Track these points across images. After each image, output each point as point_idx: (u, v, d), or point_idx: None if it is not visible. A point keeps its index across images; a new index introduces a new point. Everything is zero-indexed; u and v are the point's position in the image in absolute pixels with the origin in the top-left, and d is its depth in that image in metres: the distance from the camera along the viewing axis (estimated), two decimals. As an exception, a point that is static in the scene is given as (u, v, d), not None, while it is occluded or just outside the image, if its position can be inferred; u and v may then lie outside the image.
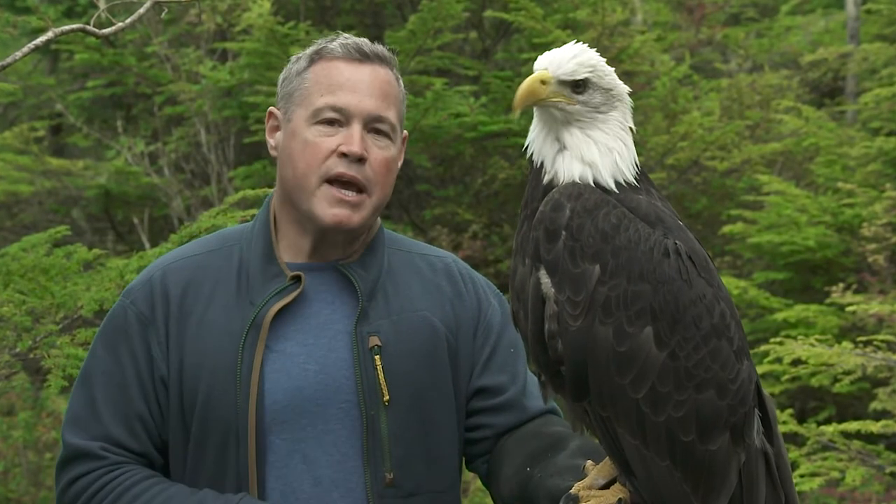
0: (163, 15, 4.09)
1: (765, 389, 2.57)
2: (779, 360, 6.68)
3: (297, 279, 2.93)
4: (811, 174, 10.55)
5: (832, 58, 13.38)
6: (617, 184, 2.52)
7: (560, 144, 2.54)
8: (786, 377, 7.18)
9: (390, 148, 2.95)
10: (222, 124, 10.36)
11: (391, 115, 2.94)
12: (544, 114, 2.54)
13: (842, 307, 7.87)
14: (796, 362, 6.64)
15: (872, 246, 8.51)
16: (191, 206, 10.43)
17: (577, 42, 2.58)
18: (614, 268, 2.41)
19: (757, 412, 2.56)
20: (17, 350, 4.63)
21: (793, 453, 6.44)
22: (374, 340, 2.91)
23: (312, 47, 2.99)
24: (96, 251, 5.16)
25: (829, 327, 8.14)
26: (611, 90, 2.55)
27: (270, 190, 3.11)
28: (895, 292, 8.20)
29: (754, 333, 8.86)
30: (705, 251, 2.57)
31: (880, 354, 6.34)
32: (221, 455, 2.85)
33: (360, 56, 2.93)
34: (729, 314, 2.49)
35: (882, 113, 10.92)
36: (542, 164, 2.55)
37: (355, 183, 2.89)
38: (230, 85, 9.91)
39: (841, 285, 7.94)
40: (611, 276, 2.41)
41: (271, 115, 3.02)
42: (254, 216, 3.15)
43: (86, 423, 2.87)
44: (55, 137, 13.07)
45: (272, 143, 3.02)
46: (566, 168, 2.53)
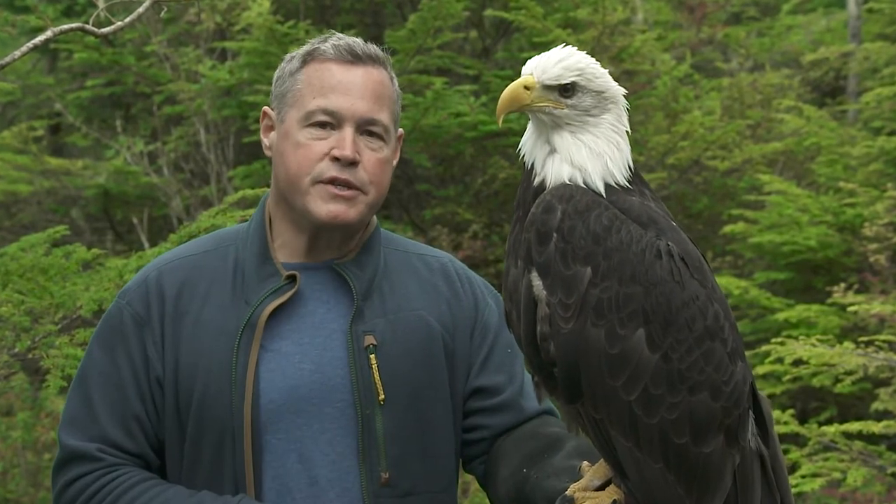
0: (162, 14, 4.09)
1: (765, 390, 2.56)
2: (780, 360, 6.67)
3: (293, 278, 2.92)
4: (812, 174, 10.53)
5: (833, 57, 13.36)
6: (608, 186, 2.50)
7: (550, 147, 2.53)
8: (787, 377, 7.18)
9: (383, 149, 2.95)
10: (222, 124, 10.34)
11: (383, 116, 2.94)
12: (535, 117, 2.54)
13: (843, 307, 7.86)
14: (798, 362, 6.63)
15: (874, 246, 8.48)
16: (190, 206, 10.41)
17: (565, 45, 2.56)
18: (606, 270, 2.40)
19: (752, 414, 2.54)
20: (16, 350, 4.64)
21: (794, 454, 6.44)
22: (370, 339, 2.91)
23: (305, 47, 2.99)
24: (95, 251, 5.16)
25: (830, 327, 8.13)
26: (603, 92, 2.53)
27: (269, 189, 3.11)
28: (896, 292, 8.19)
29: (755, 333, 8.85)
30: (700, 252, 2.56)
31: (882, 355, 6.33)
32: (217, 454, 2.86)
33: (353, 58, 2.93)
34: (723, 315, 2.48)
35: (883, 112, 10.92)
36: (533, 166, 2.54)
37: (348, 185, 2.89)
38: (229, 84, 9.89)
39: (842, 285, 7.92)
40: (602, 278, 2.40)
41: (265, 114, 3.03)
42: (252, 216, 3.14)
43: (82, 424, 2.87)
44: (54, 137, 13.06)
45: (266, 142, 3.03)
46: (555, 171, 2.51)
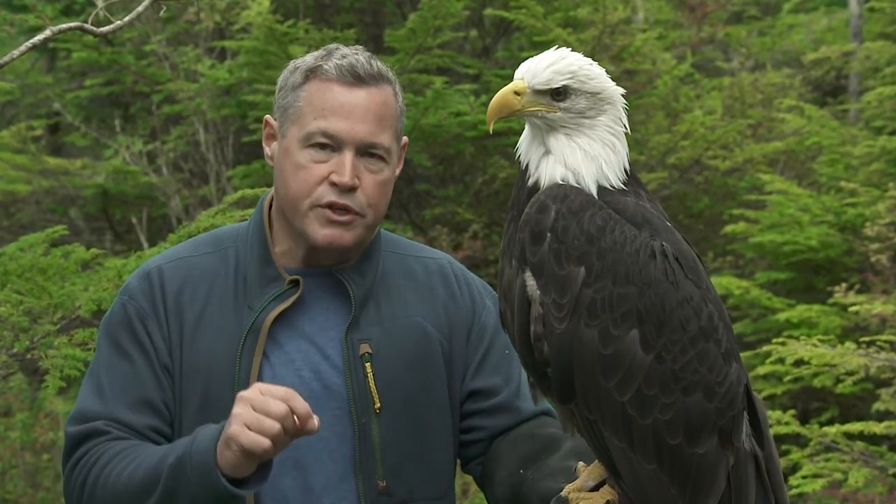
0: (161, 13, 4.09)
1: (766, 390, 2.56)
2: (781, 360, 6.65)
3: (295, 283, 2.92)
4: (814, 173, 10.51)
5: (835, 56, 13.33)
6: (601, 188, 2.50)
7: (545, 149, 2.53)
8: (788, 378, 7.15)
9: (384, 170, 2.93)
10: (221, 123, 10.32)
11: (385, 138, 2.91)
12: (529, 120, 2.53)
13: (844, 307, 7.83)
14: (799, 363, 6.61)
15: (875, 246, 8.46)
16: (189, 206, 10.40)
17: (558, 47, 2.55)
18: (600, 270, 2.40)
19: (746, 415, 2.53)
20: (15, 350, 4.66)
21: (795, 454, 6.43)
22: (365, 348, 2.90)
23: (308, 60, 2.95)
24: (94, 251, 5.19)
25: (831, 328, 8.11)
26: (598, 94, 2.52)
27: (269, 189, 3.10)
28: (898, 292, 8.17)
29: (756, 334, 8.85)
30: (695, 252, 2.56)
31: (883, 355, 6.31)
32: None
33: (355, 79, 2.89)
34: (717, 316, 2.48)
35: (885, 112, 10.91)
36: (528, 167, 2.54)
37: (347, 210, 2.88)
38: (229, 84, 9.87)
39: (844, 285, 7.89)
40: (596, 278, 2.40)
41: (267, 122, 3.01)
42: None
43: (90, 412, 2.86)
44: (53, 136, 13.04)
45: (268, 151, 3.01)
46: (549, 172, 2.51)
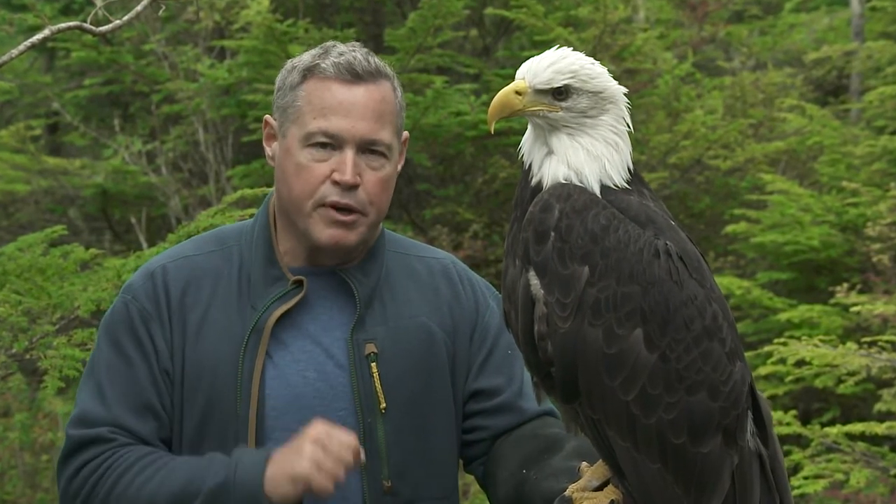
0: (160, 12, 4.08)
1: (768, 391, 2.56)
2: (782, 360, 6.67)
3: (299, 283, 2.92)
4: (815, 173, 10.50)
5: (836, 56, 13.31)
6: (605, 187, 2.50)
7: (548, 148, 2.53)
8: (790, 378, 7.16)
9: (385, 167, 2.93)
10: (220, 123, 10.31)
11: (385, 135, 2.91)
12: (531, 120, 2.53)
13: (846, 307, 7.83)
14: (800, 363, 6.62)
15: (877, 245, 8.45)
16: (189, 206, 10.39)
17: (559, 47, 2.54)
18: (604, 269, 2.40)
19: (750, 414, 2.53)
20: (14, 351, 4.64)
21: (796, 455, 6.42)
22: (371, 348, 2.91)
23: (306, 59, 2.96)
24: (93, 251, 5.18)
25: (833, 328, 8.10)
26: (600, 93, 2.52)
27: (269, 189, 3.12)
28: (900, 292, 8.15)
29: (758, 334, 8.83)
30: (699, 251, 2.56)
31: (885, 355, 6.31)
32: None
33: (353, 77, 2.89)
34: (721, 315, 2.48)
35: (887, 111, 10.91)
36: (531, 166, 2.55)
37: (350, 209, 2.88)
38: (228, 83, 9.85)
39: (845, 285, 7.90)
40: (600, 277, 2.40)
41: (267, 122, 3.01)
42: (252, 215, 3.16)
43: (93, 415, 2.85)
44: (52, 136, 13.05)
45: (269, 152, 3.01)
46: (552, 172, 2.51)
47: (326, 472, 2.65)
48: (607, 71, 2.56)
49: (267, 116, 3.01)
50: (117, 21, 3.66)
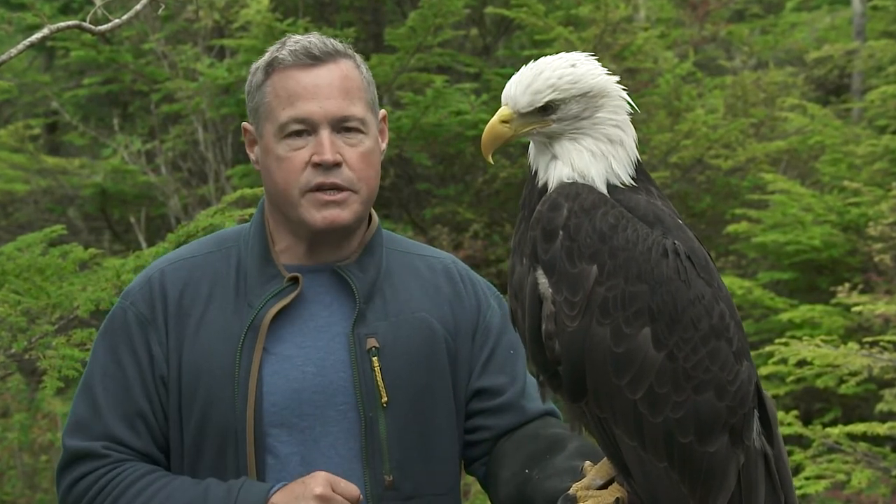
0: (160, 11, 4.08)
1: (769, 391, 2.56)
2: (784, 361, 6.65)
3: (295, 280, 2.92)
4: (817, 173, 10.50)
5: (838, 55, 13.32)
6: (612, 186, 2.50)
7: (552, 154, 2.53)
8: (791, 378, 7.15)
9: (364, 141, 2.94)
10: (220, 122, 10.30)
11: (356, 110, 2.92)
12: (538, 136, 2.53)
13: (848, 307, 7.83)
14: (801, 363, 6.61)
15: (878, 245, 8.44)
16: (188, 205, 10.40)
17: (537, 60, 2.52)
18: (612, 268, 2.40)
19: (757, 413, 2.54)
20: (13, 351, 4.63)
21: (798, 455, 6.40)
22: (372, 342, 2.91)
23: (266, 57, 2.98)
24: (92, 251, 5.15)
25: (834, 328, 8.09)
26: (587, 93, 2.50)
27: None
28: (901, 292, 8.14)
29: (759, 334, 8.82)
30: (706, 251, 2.55)
31: (886, 355, 6.30)
32: (220, 458, 2.86)
33: (311, 59, 2.92)
34: (728, 314, 2.48)
35: (888, 111, 10.91)
36: (537, 170, 2.55)
37: (336, 187, 2.89)
38: (228, 82, 9.83)
39: (847, 285, 7.89)
40: (608, 276, 2.40)
41: (246, 130, 3.04)
42: (251, 216, 3.16)
43: (87, 426, 2.88)
44: (51, 135, 13.06)
45: (253, 157, 3.04)
46: (558, 175, 2.51)
47: None
48: (600, 66, 2.54)
49: (244, 123, 3.04)
50: (116, 20, 3.65)
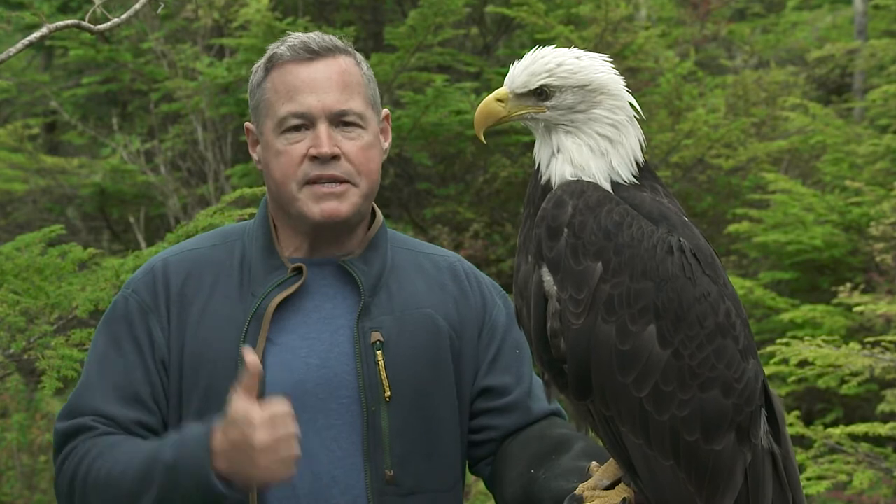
0: (159, 10, 4.08)
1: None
2: (785, 361, 6.62)
3: (299, 271, 2.93)
4: (818, 172, 10.51)
5: (839, 54, 13.31)
6: (615, 184, 2.51)
7: (553, 148, 2.54)
8: (792, 379, 7.13)
9: (363, 136, 2.94)
10: (219, 121, 10.29)
11: (355, 104, 2.93)
12: (526, 122, 2.56)
13: (849, 307, 7.82)
14: (803, 363, 6.58)
15: (880, 245, 8.43)
16: (187, 205, 10.39)
17: (538, 47, 2.55)
18: (617, 265, 2.41)
19: (764, 412, 2.54)
20: (11, 351, 4.63)
21: (799, 456, 6.38)
22: (376, 336, 2.92)
23: (266, 55, 3.00)
24: (91, 250, 5.13)
25: (836, 328, 8.08)
26: (586, 86, 2.51)
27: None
28: (903, 292, 8.13)
29: (760, 334, 8.81)
30: (711, 248, 2.56)
31: (888, 355, 6.28)
32: None
33: (310, 54, 2.94)
34: (734, 312, 2.49)
35: (890, 110, 10.91)
36: (540, 165, 2.56)
37: (335, 179, 2.90)
38: (227, 82, 9.82)
39: (848, 285, 7.90)
40: (613, 273, 2.41)
41: (248, 130, 3.06)
42: (252, 215, 3.22)
43: (78, 407, 2.88)
44: (49, 135, 13.07)
45: (255, 157, 3.06)
46: (559, 171, 2.52)
47: (281, 466, 2.63)
48: (611, 67, 2.55)
49: (247, 124, 3.06)
50: (115, 19, 3.69)
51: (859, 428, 6.15)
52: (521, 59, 2.54)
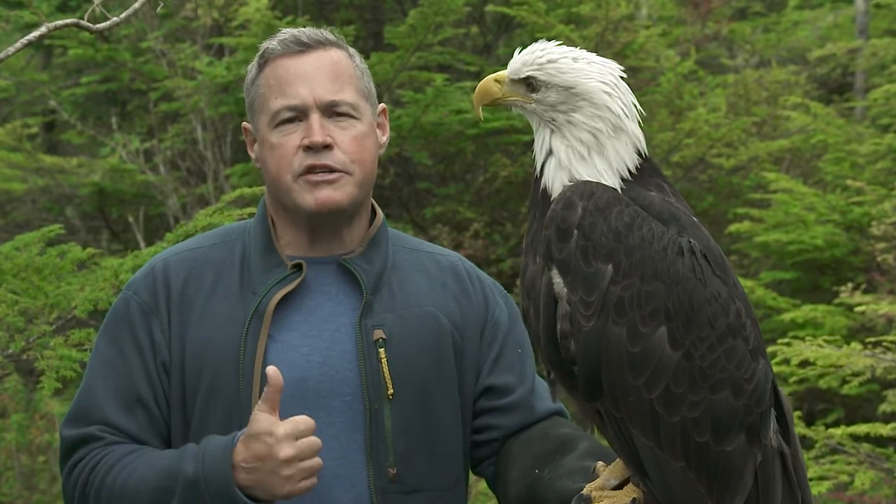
0: (158, 9, 4.07)
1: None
2: (786, 361, 6.61)
3: (299, 268, 2.93)
4: (819, 172, 10.51)
5: (841, 53, 13.32)
6: (623, 182, 2.50)
7: (547, 149, 2.55)
8: (793, 379, 7.10)
9: (356, 126, 2.95)
10: (219, 121, 10.29)
11: (346, 95, 2.94)
12: (520, 111, 2.58)
13: (850, 307, 7.82)
14: (804, 364, 6.57)
15: (882, 245, 8.44)
16: (187, 205, 10.39)
17: (544, 40, 2.57)
18: (627, 267, 2.41)
19: (773, 412, 2.54)
20: (10, 351, 4.60)
21: (801, 456, 6.35)
22: (379, 333, 2.92)
23: (258, 52, 3.02)
24: (90, 250, 5.11)
25: (837, 328, 8.09)
26: (570, 88, 2.51)
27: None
28: (905, 292, 8.13)
29: (762, 334, 8.77)
30: (720, 249, 2.56)
31: (890, 356, 6.27)
32: None
33: (301, 47, 2.95)
34: (744, 313, 2.50)
35: (891, 109, 10.94)
36: (538, 165, 2.57)
37: (328, 168, 2.91)
38: (227, 81, 9.82)
39: (850, 285, 7.90)
40: (624, 275, 2.41)
41: (245, 130, 3.07)
42: (251, 214, 3.21)
43: (84, 415, 2.89)
44: (48, 134, 13.09)
45: (253, 156, 3.07)
46: (551, 174, 2.53)
47: (305, 477, 2.68)
48: (614, 77, 2.54)
49: (244, 123, 3.07)
50: (115, 18, 3.66)
51: (861, 428, 6.14)
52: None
